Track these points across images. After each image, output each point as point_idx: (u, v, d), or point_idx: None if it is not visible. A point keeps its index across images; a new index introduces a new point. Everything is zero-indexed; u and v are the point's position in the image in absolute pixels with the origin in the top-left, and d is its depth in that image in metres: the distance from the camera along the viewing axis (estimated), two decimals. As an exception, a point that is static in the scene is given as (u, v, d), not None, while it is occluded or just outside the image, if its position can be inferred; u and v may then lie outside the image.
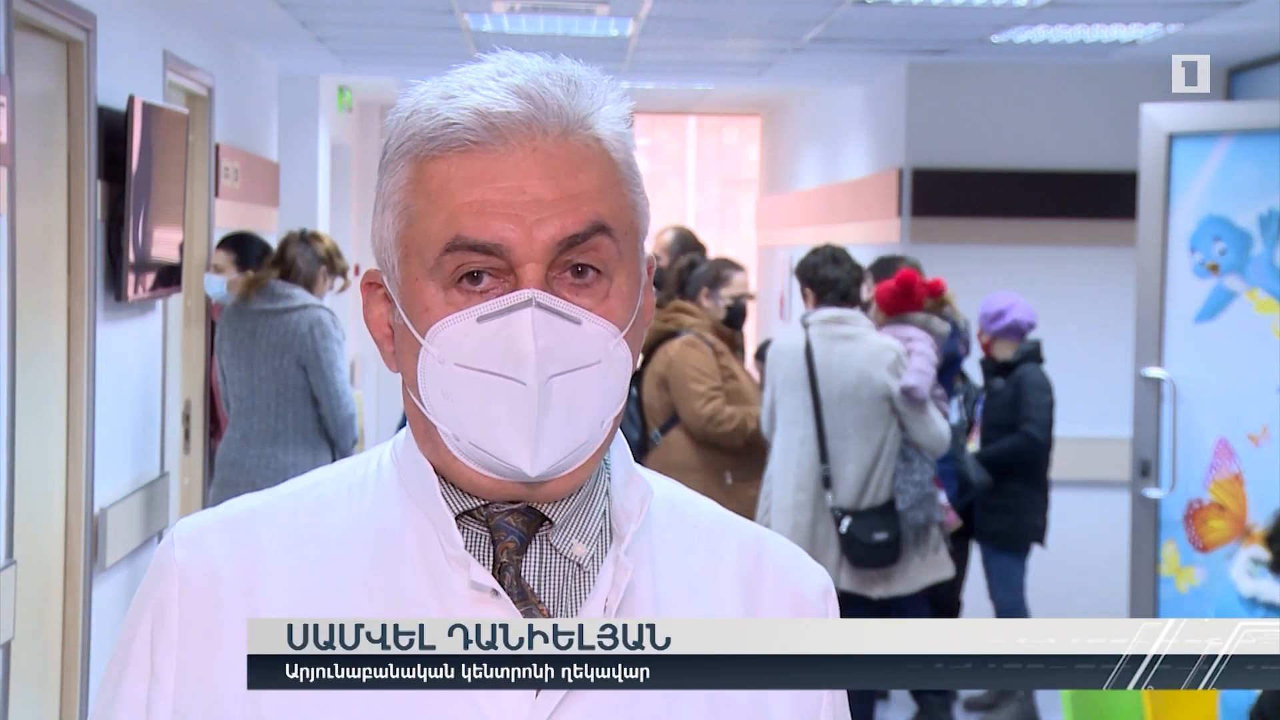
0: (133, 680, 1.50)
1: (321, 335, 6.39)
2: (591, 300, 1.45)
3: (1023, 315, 7.78)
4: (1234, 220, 6.63)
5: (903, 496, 6.53)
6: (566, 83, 1.46)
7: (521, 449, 1.43)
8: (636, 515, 1.50)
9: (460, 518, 1.48)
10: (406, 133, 1.46)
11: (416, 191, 1.45)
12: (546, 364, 1.42)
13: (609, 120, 1.47)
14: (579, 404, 1.44)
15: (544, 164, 1.43)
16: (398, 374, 1.52)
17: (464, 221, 1.42)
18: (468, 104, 1.43)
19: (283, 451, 6.40)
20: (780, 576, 1.56)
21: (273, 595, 1.47)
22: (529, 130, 1.43)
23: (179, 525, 1.54)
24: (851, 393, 6.55)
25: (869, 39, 8.24)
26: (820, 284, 6.75)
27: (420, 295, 1.45)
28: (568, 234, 1.43)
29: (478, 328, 1.43)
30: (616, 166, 1.47)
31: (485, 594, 1.45)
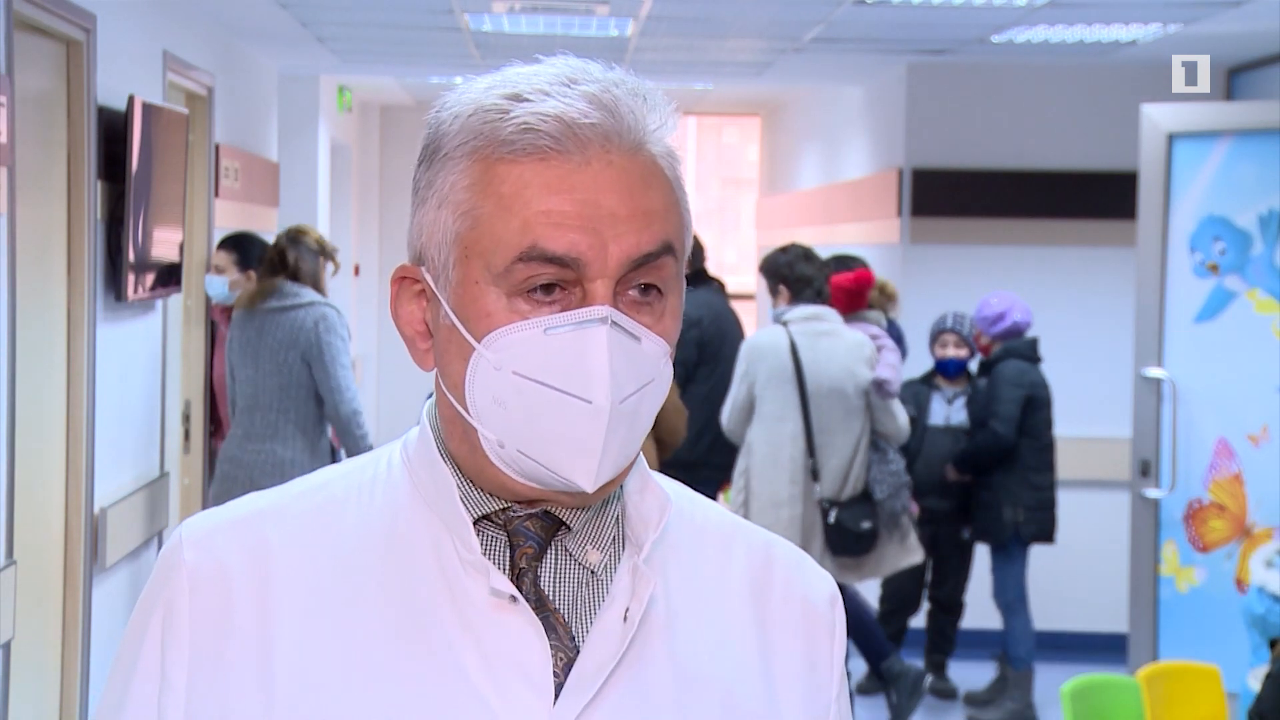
0: (142, 683, 1.48)
1: (326, 330, 6.40)
2: (651, 318, 1.43)
3: (1022, 316, 7.81)
4: (1234, 220, 6.63)
5: (880, 486, 6.79)
6: (635, 96, 1.44)
7: (584, 467, 1.41)
8: (655, 524, 1.49)
9: (476, 522, 1.47)
10: (471, 130, 1.43)
11: (484, 193, 1.41)
12: (619, 385, 1.40)
13: (668, 137, 1.46)
14: (636, 421, 1.43)
15: (619, 178, 1.41)
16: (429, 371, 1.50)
17: (540, 231, 1.39)
18: (548, 109, 1.40)
19: (282, 447, 6.41)
20: (789, 584, 1.56)
21: (284, 597, 1.45)
22: (606, 142, 1.41)
23: (186, 525, 1.51)
24: (837, 387, 6.76)
25: (869, 39, 8.24)
26: (797, 281, 6.92)
27: (480, 300, 1.42)
28: (642, 252, 1.41)
29: (544, 340, 1.40)
30: (673, 185, 1.46)
31: (504, 600, 1.43)
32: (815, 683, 1.54)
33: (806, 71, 10.04)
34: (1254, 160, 6.60)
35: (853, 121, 10.92)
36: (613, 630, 1.44)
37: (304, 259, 6.58)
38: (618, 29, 8.12)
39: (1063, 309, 9.12)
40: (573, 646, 1.45)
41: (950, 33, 8.00)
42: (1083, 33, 7.84)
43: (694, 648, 1.48)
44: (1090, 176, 9.05)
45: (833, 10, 7.33)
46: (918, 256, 9.22)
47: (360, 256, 13.78)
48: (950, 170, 9.17)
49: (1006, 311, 7.81)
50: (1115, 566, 8.38)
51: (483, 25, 8.09)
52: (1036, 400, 7.75)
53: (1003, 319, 7.80)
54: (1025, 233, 9.14)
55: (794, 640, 1.53)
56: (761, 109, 15.00)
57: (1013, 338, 7.82)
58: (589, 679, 1.43)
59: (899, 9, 7.25)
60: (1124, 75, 8.86)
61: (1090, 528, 9.10)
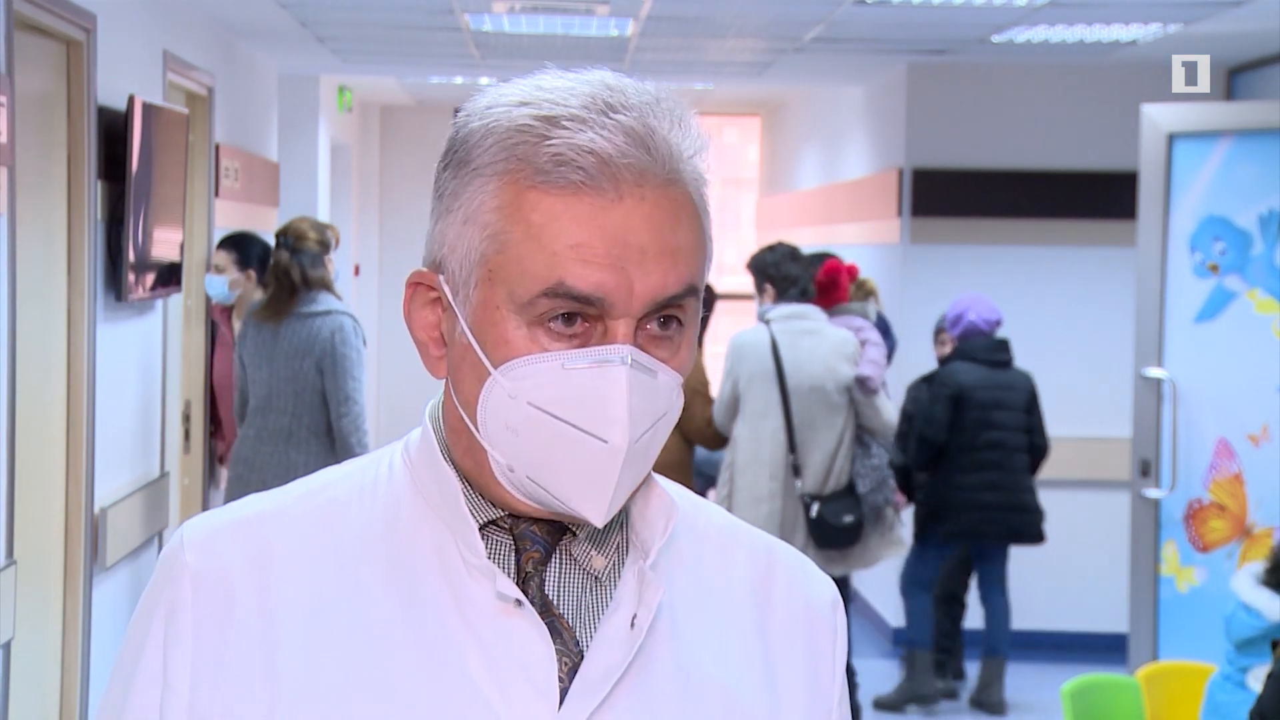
0: (144, 686, 1.47)
1: (341, 341, 6.44)
2: (667, 352, 1.43)
3: (979, 316, 7.85)
4: (1234, 220, 6.63)
5: (863, 480, 6.88)
6: (671, 123, 1.42)
7: (595, 503, 1.41)
8: (662, 530, 1.49)
9: (483, 527, 1.47)
10: (505, 149, 1.40)
11: (513, 218, 1.40)
12: (636, 425, 1.40)
13: (699, 166, 1.45)
14: (647, 454, 1.43)
15: (650, 215, 1.40)
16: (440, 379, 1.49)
17: (568, 268, 1.38)
18: (583, 143, 1.38)
19: (295, 451, 6.45)
20: (790, 587, 1.56)
21: (287, 601, 1.45)
22: (640, 178, 1.39)
23: (188, 527, 1.50)
24: (819, 385, 6.84)
25: (869, 39, 8.24)
26: (783, 280, 7.01)
27: (500, 325, 1.41)
28: (667, 294, 1.40)
29: (563, 374, 1.39)
30: (701, 216, 1.44)
31: (509, 604, 1.43)
32: (817, 686, 1.54)
33: (806, 71, 10.04)
34: (1254, 160, 6.60)
35: (853, 121, 10.92)
36: (618, 636, 1.44)
37: (310, 268, 6.57)
38: (618, 29, 8.12)
39: (1063, 309, 9.12)
40: (577, 652, 1.44)
41: (950, 33, 8.00)
42: (1083, 33, 7.84)
43: (697, 652, 1.48)
44: (1090, 176, 9.05)
45: (833, 10, 7.33)
46: (918, 256, 9.22)
47: (360, 256, 13.78)
48: (950, 170, 9.17)
49: (964, 312, 7.88)
50: (1115, 566, 8.38)
51: (483, 25, 8.09)
52: (967, 401, 7.77)
53: (961, 320, 7.87)
54: (1025, 233, 9.14)
55: (796, 644, 1.53)
56: (761, 109, 14.99)
57: (972, 338, 7.85)
58: (595, 685, 1.42)
59: (899, 9, 7.25)
60: (1124, 75, 8.86)
61: (1090, 528, 9.09)
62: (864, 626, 9.71)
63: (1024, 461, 7.87)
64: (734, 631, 1.51)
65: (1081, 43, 8.14)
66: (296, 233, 6.65)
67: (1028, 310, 9.03)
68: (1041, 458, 7.95)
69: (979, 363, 7.83)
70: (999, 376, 7.84)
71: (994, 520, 7.83)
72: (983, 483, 7.79)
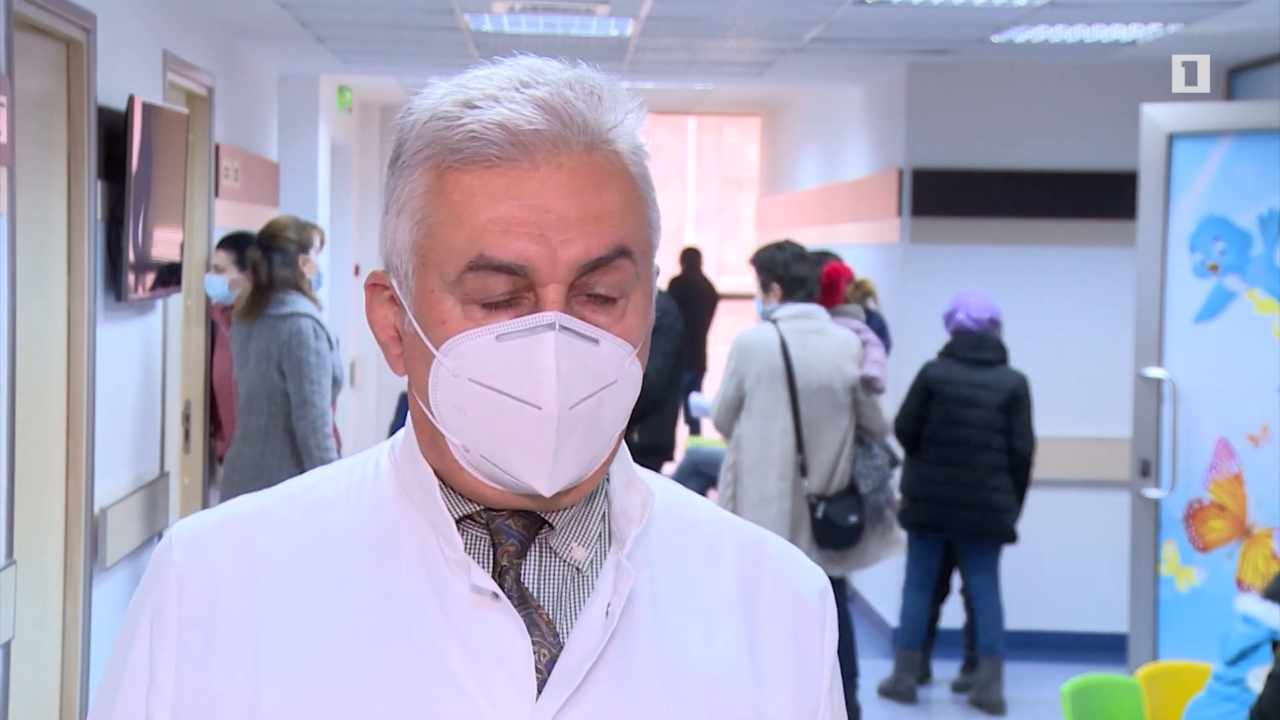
0: (131, 683, 1.50)
1: (299, 345, 6.49)
2: (609, 319, 1.44)
3: (967, 315, 7.88)
4: (1234, 220, 6.63)
5: (865, 480, 6.92)
6: (589, 95, 1.44)
7: (538, 471, 1.42)
8: (638, 520, 1.50)
9: (460, 521, 1.48)
10: (426, 138, 1.44)
11: (437, 201, 1.43)
12: (568, 390, 1.41)
13: (629, 134, 1.46)
14: (595, 425, 1.44)
15: (568, 181, 1.41)
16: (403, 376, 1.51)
17: (488, 240, 1.40)
18: (493, 117, 1.41)
19: (270, 452, 6.53)
20: (779, 578, 1.56)
21: (272, 598, 1.47)
22: (554, 147, 1.41)
23: (176, 527, 1.53)
24: (827, 384, 6.87)
25: (869, 39, 8.24)
26: (792, 281, 7.02)
27: (436, 307, 1.43)
28: (592, 257, 1.41)
29: (497, 346, 1.41)
30: (636, 183, 1.45)
31: (485, 597, 1.44)
32: (805, 676, 1.54)
33: (806, 71, 10.04)
34: (1254, 160, 6.60)
35: (853, 121, 10.92)
36: (595, 626, 1.45)
37: (278, 267, 6.63)
38: (618, 29, 8.12)
39: (1063, 309, 9.12)
40: (556, 643, 1.45)
41: (950, 33, 8.00)
42: (1083, 33, 7.84)
43: (680, 642, 1.49)
44: (1090, 176, 9.05)
45: (833, 10, 7.33)
46: (918, 256, 9.22)
47: (360, 256, 13.77)
48: (950, 170, 9.17)
49: (955, 310, 7.93)
50: (1115, 566, 8.38)
51: (483, 25, 8.09)
52: (936, 395, 7.83)
53: (950, 318, 7.93)
54: (1025, 233, 9.14)
55: (783, 634, 1.54)
56: (761, 109, 14.99)
57: (960, 336, 7.90)
58: (571, 674, 1.44)
59: (899, 9, 7.25)
60: (1124, 75, 8.86)
61: (1090, 528, 9.09)
62: (864, 626, 9.71)
63: (994, 460, 7.81)
64: (719, 621, 1.52)
65: (1081, 43, 8.14)
66: (272, 231, 6.71)
67: (1028, 310, 9.03)
68: (1023, 460, 7.86)
69: (958, 360, 7.86)
70: (977, 375, 7.83)
71: (953, 516, 7.86)
72: (943, 477, 7.84)
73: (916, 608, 8.18)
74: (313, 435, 6.45)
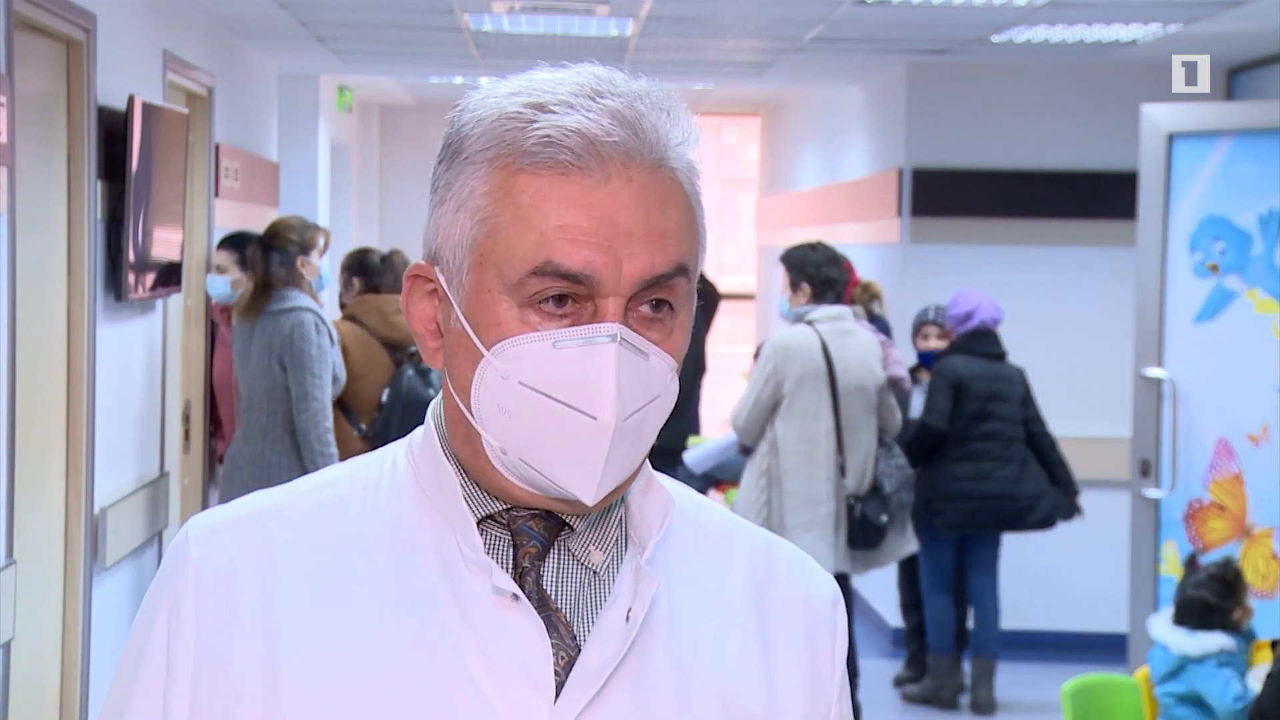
0: (147, 677, 1.49)
1: (300, 338, 6.48)
2: (659, 335, 1.44)
3: (989, 314, 7.91)
4: (1234, 220, 6.63)
5: (889, 480, 6.95)
6: (659, 110, 1.44)
7: (585, 481, 1.42)
8: (659, 526, 1.50)
9: (481, 521, 1.48)
10: (493, 136, 1.43)
11: (503, 202, 1.42)
12: (625, 402, 1.41)
13: (689, 153, 1.46)
14: (640, 437, 1.44)
15: (637, 196, 1.41)
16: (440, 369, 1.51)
17: (556, 246, 1.40)
18: (570, 124, 1.40)
19: (271, 449, 6.51)
20: (790, 584, 1.57)
21: (289, 594, 1.46)
22: (626, 159, 1.41)
23: (193, 522, 1.52)
24: (861, 385, 6.90)
25: (869, 39, 8.24)
26: (823, 283, 7.02)
27: (492, 308, 1.42)
28: (656, 273, 1.42)
29: (554, 353, 1.41)
30: (691, 203, 1.46)
31: (505, 598, 1.44)
32: (816, 682, 1.54)
33: (806, 71, 10.04)
34: (1254, 160, 6.60)
35: (853, 121, 10.92)
36: (615, 630, 1.45)
37: (276, 266, 6.62)
38: (618, 29, 8.12)
39: (1063, 309, 9.12)
40: (574, 646, 1.45)
41: (950, 33, 8.00)
42: (1083, 33, 7.84)
43: (695, 648, 1.49)
44: (1090, 176, 9.05)
45: (833, 10, 7.33)
46: (918, 256, 9.22)
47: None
48: (950, 170, 9.17)
49: (975, 310, 7.93)
50: (1115, 566, 8.38)
51: (483, 25, 8.09)
52: (966, 392, 7.84)
53: (971, 317, 7.93)
54: (1025, 233, 9.14)
55: (795, 640, 1.54)
56: (761, 109, 14.99)
57: (980, 335, 7.91)
58: (590, 678, 1.43)
59: (899, 9, 7.24)
60: (1124, 75, 8.86)
61: (1090, 528, 9.09)
62: (864, 626, 9.71)
63: (1022, 452, 7.91)
64: (733, 627, 1.52)
65: (1081, 43, 8.14)
66: (274, 231, 6.71)
67: (1028, 310, 9.03)
68: (1051, 445, 7.97)
69: (977, 355, 7.88)
70: (996, 369, 7.90)
71: (988, 510, 7.86)
72: (976, 473, 7.83)
73: (944, 612, 8.13)
74: (314, 430, 6.43)
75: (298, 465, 6.42)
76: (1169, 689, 5.47)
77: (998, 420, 7.87)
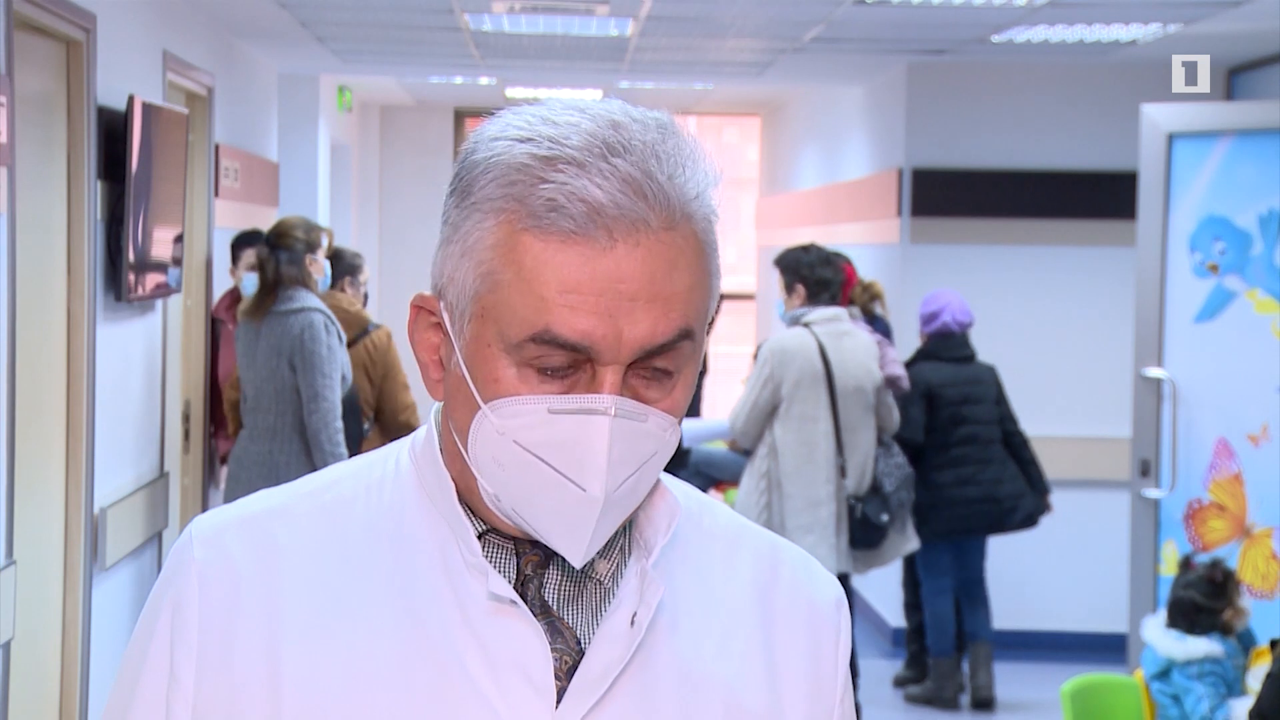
0: (151, 679, 1.49)
1: (310, 338, 6.47)
2: (659, 393, 1.43)
3: (953, 316, 7.89)
4: (1234, 220, 6.63)
5: (889, 479, 6.98)
6: (675, 166, 1.41)
7: (572, 547, 1.42)
8: (664, 530, 1.50)
9: (484, 534, 1.48)
10: (500, 187, 1.40)
11: (506, 259, 1.40)
12: (615, 476, 1.40)
13: (706, 205, 1.43)
14: (631, 497, 1.44)
15: (643, 261, 1.38)
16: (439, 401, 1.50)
17: (555, 315, 1.38)
18: (576, 190, 1.37)
19: (279, 450, 6.50)
20: (794, 586, 1.56)
21: (293, 595, 1.46)
22: (634, 227, 1.38)
23: (197, 523, 1.52)
24: (859, 386, 6.92)
25: (869, 39, 8.24)
26: (817, 284, 7.06)
27: (490, 363, 1.41)
28: (657, 342, 1.40)
29: (548, 419, 1.40)
30: (705, 257, 1.43)
31: (504, 603, 1.44)
32: (819, 685, 1.54)
33: (806, 71, 10.04)
34: (1254, 160, 6.60)
35: (853, 121, 10.92)
36: (618, 634, 1.45)
37: (285, 265, 6.61)
38: (618, 29, 8.12)
39: (1063, 309, 9.12)
40: (578, 651, 1.45)
41: (950, 33, 8.00)
42: (1083, 33, 7.84)
43: (698, 651, 1.49)
44: (1090, 176, 9.05)
45: (833, 10, 7.33)
46: (918, 256, 9.22)
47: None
48: (950, 170, 9.17)
49: (940, 310, 7.93)
50: (1115, 566, 8.38)
51: (483, 25, 8.09)
52: (938, 399, 7.83)
53: (935, 319, 7.92)
54: (1025, 233, 9.14)
55: (799, 642, 1.54)
56: (761, 109, 14.99)
57: (945, 338, 7.90)
58: (593, 683, 1.43)
59: (899, 9, 7.24)
60: (1124, 75, 8.86)
61: (1090, 528, 9.09)
62: (864, 626, 9.71)
63: (1000, 452, 7.91)
64: (736, 630, 1.51)
65: (1081, 43, 8.14)
66: (280, 230, 6.70)
67: (1027, 310, 9.03)
68: (1024, 444, 7.97)
69: (945, 360, 7.87)
70: (966, 371, 7.89)
71: (976, 514, 7.86)
72: (960, 478, 7.83)
73: (944, 614, 8.13)
74: (324, 430, 6.42)
75: (306, 465, 6.41)
76: (1160, 689, 5.48)
77: (973, 423, 7.85)
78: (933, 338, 7.94)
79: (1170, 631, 5.53)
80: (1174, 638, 5.49)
